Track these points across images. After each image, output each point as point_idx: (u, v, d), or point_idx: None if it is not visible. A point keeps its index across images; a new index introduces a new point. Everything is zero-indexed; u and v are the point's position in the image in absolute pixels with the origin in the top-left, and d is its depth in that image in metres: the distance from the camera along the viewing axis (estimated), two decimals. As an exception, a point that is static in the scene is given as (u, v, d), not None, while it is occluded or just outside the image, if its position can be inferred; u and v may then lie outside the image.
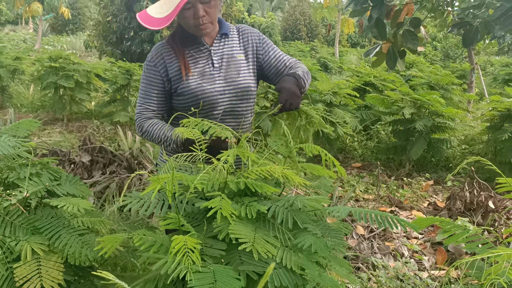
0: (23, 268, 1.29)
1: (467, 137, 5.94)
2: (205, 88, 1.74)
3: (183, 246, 0.89)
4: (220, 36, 1.82)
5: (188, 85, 1.75)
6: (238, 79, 1.79)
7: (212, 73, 1.77)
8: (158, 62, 1.79)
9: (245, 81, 1.80)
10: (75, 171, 3.76)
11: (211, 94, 1.75)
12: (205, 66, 1.78)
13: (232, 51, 1.82)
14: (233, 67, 1.80)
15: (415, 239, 3.47)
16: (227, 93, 1.77)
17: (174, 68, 1.78)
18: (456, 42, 17.65)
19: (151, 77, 1.81)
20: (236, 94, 1.79)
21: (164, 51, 1.80)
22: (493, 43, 7.34)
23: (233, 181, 1.15)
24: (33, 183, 1.49)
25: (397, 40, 3.08)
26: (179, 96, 1.78)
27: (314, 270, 1.06)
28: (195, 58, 1.79)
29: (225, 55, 1.81)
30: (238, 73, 1.80)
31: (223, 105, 1.78)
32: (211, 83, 1.76)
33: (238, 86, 1.78)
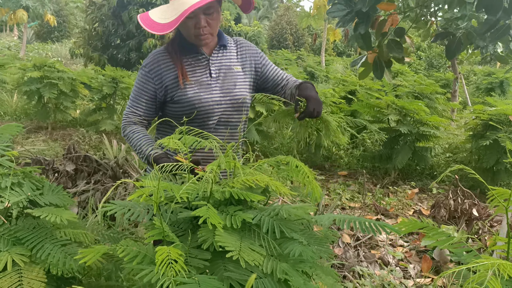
0: (3, 280, 1.26)
1: (451, 145, 6.03)
2: (202, 97, 1.75)
3: (166, 256, 0.88)
4: (219, 47, 1.84)
5: (185, 93, 1.75)
6: (234, 90, 1.81)
7: (210, 83, 1.78)
8: (153, 69, 1.78)
9: (241, 93, 1.82)
10: (59, 180, 3.71)
11: (207, 104, 1.75)
12: (203, 76, 1.79)
13: (230, 63, 1.84)
14: (230, 79, 1.82)
15: (401, 247, 3.49)
16: (223, 104, 1.78)
17: (170, 76, 1.77)
18: (440, 51, 17.95)
19: (143, 83, 1.81)
20: (232, 105, 1.80)
21: (162, 58, 1.80)
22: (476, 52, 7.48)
23: (219, 190, 1.15)
24: (15, 193, 1.46)
25: (382, 50, 3.12)
26: (174, 103, 1.78)
27: (300, 279, 1.06)
28: (193, 67, 1.79)
29: (223, 66, 1.83)
30: (235, 84, 1.82)
31: (218, 115, 1.79)
32: (208, 92, 1.77)
33: (234, 97, 1.80)
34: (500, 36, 2.78)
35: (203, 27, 1.70)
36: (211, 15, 1.71)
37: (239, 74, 1.85)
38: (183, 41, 1.80)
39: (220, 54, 1.84)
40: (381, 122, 5.37)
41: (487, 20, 2.79)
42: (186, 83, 1.76)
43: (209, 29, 1.72)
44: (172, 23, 1.61)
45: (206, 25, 1.70)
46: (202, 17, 1.68)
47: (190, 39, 1.76)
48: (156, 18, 1.67)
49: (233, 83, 1.82)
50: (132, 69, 10.65)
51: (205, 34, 1.71)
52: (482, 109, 4.92)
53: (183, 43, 1.80)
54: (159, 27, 1.64)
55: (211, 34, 1.74)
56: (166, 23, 1.63)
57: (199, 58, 1.81)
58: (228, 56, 1.86)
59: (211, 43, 1.81)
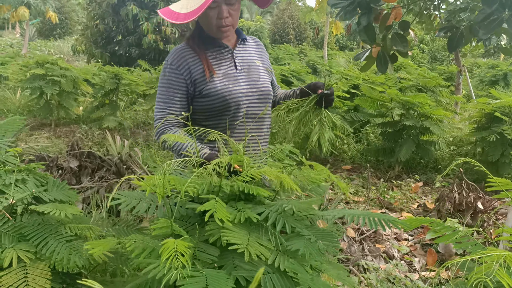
0: (9, 277, 1.26)
1: (455, 139, 6.00)
2: (231, 89, 1.74)
3: (173, 250, 0.88)
4: (241, 41, 1.86)
5: (215, 86, 1.73)
6: (259, 82, 1.82)
7: (236, 75, 1.78)
8: (181, 64, 1.75)
9: (266, 85, 1.85)
10: (63, 177, 3.72)
11: (237, 96, 1.75)
12: (229, 68, 1.79)
13: (252, 57, 1.87)
14: (254, 71, 1.83)
15: (405, 241, 3.48)
16: (250, 95, 1.79)
17: (198, 70, 1.75)
18: (443, 44, 17.86)
19: (173, 81, 1.75)
20: (259, 96, 1.81)
21: (186, 53, 1.77)
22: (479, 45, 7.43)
23: (228, 184, 1.14)
24: (19, 189, 1.46)
25: (387, 43, 3.09)
26: (203, 97, 1.76)
27: (307, 274, 1.05)
28: (218, 60, 1.79)
29: (246, 59, 1.84)
30: (259, 77, 1.84)
31: (245, 107, 1.79)
32: (236, 84, 1.77)
33: (260, 89, 1.81)
34: (493, 28, 2.74)
35: (225, 17, 1.68)
36: (233, 6, 1.69)
37: (261, 68, 1.87)
38: (203, 35, 1.78)
39: (242, 48, 1.86)
40: (384, 116, 5.35)
41: (483, 10, 2.76)
42: (214, 76, 1.74)
43: (231, 20, 1.71)
44: (195, 11, 1.59)
45: (228, 15, 1.69)
46: (224, 8, 1.66)
47: (210, 31, 1.74)
48: (178, 9, 1.66)
49: (257, 76, 1.83)
50: (134, 65, 10.64)
51: (227, 25, 1.70)
52: (486, 101, 4.89)
53: (203, 37, 1.78)
54: (181, 16, 1.62)
55: (232, 25, 1.73)
56: (188, 12, 1.61)
57: (222, 51, 1.80)
58: (249, 51, 1.88)
59: (230, 37, 1.81)
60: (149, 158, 5.08)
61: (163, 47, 11.26)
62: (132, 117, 7.67)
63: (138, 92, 7.10)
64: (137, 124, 7.37)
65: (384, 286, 2.71)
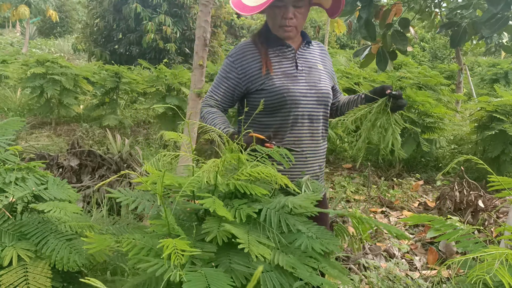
0: (9, 275, 1.25)
1: (456, 137, 5.99)
2: (289, 87, 1.76)
3: (172, 249, 0.87)
4: (306, 44, 1.87)
5: (273, 83, 1.76)
6: (319, 84, 1.83)
7: (296, 75, 1.80)
8: (238, 59, 1.81)
9: (326, 87, 1.85)
10: (64, 175, 3.71)
11: (294, 94, 1.76)
12: (289, 68, 1.81)
13: (315, 60, 1.88)
14: (315, 73, 1.84)
15: (406, 240, 3.48)
16: (309, 96, 1.79)
17: (256, 66, 1.79)
18: (444, 43, 17.83)
19: (226, 72, 1.84)
20: (318, 98, 1.81)
21: (248, 49, 1.83)
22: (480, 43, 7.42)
23: (223, 182, 1.13)
24: (19, 187, 1.46)
25: (387, 41, 3.08)
26: (260, 94, 1.79)
27: (305, 270, 1.05)
28: (279, 58, 1.81)
29: (308, 61, 1.86)
30: (320, 79, 1.84)
31: (303, 108, 1.79)
32: (294, 83, 1.78)
33: (319, 91, 1.81)
34: (499, 27, 2.74)
35: (290, 18, 1.71)
36: (300, 9, 1.72)
37: (322, 71, 1.88)
38: (269, 33, 1.82)
39: (306, 50, 1.87)
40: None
41: (488, 10, 2.76)
42: (273, 74, 1.77)
43: (295, 21, 1.74)
44: (261, 5, 1.66)
45: (293, 17, 1.72)
46: (290, 8, 1.70)
47: (274, 29, 1.79)
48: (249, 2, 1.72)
49: (318, 78, 1.84)
50: (134, 63, 10.64)
51: (290, 26, 1.74)
52: (487, 100, 4.88)
53: (269, 35, 1.83)
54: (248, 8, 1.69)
55: (295, 27, 1.76)
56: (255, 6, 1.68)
57: (285, 50, 1.83)
58: (313, 54, 1.89)
59: (296, 39, 1.84)
60: (149, 156, 5.07)
61: (163, 46, 11.25)
62: (133, 115, 7.67)
63: (139, 90, 7.10)
64: (137, 123, 7.37)
65: (385, 284, 2.70)
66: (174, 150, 5.67)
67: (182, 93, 6.45)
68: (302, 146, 1.81)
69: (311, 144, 1.83)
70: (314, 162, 1.87)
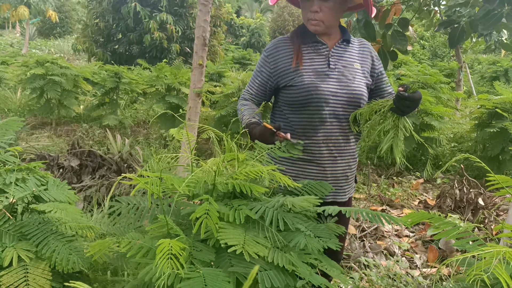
0: (9, 276, 1.26)
1: (456, 135, 5.99)
2: (318, 85, 1.73)
3: (167, 251, 0.88)
4: (342, 41, 1.82)
5: (302, 80, 1.75)
6: (352, 84, 1.77)
7: (327, 73, 1.76)
8: (272, 54, 1.83)
9: (359, 87, 1.78)
10: (64, 176, 3.72)
11: (323, 93, 1.73)
12: (321, 65, 1.77)
13: (351, 59, 1.81)
14: (349, 72, 1.78)
15: (406, 238, 3.48)
16: (339, 96, 1.75)
17: (287, 61, 1.80)
18: (443, 41, 17.80)
19: (261, 66, 1.87)
20: (349, 98, 1.76)
21: (282, 44, 1.83)
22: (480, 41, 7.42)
23: (222, 182, 1.14)
24: (20, 188, 1.47)
25: (386, 41, 3.09)
26: (289, 89, 1.79)
27: (305, 269, 1.05)
28: (312, 55, 1.79)
29: (344, 59, 1.80)
30: (354, 78, 1.78)
31: (332, 106, 1.75)
32: (325, 82, 1.75)
33: (351, 91, 1.76)
34: (493, 24, 2.74)
35: (315, 11, 1.70)
36: (327, 2, 1.70)
37: (358, 70, 1.81)
38: (305, 28, 1.82)
39: (342, 48, 1.82)
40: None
41: (484, 7, 2.76)
42: (303, 71, 1.76)
43: (321, 15, 1.71)
44: None
45: (319, 10, 1.70)
46: (316, 2, 1.70)
47: (304, 22, 1.79)
48: None
49: (352, 77, 1.78)
50: (134, 63, 10.64)
51: (315, 20, 1.72)
52: (487, 98, 4.88)
53: (304, 30, 1.82)
54: None
55: (322, 22, 1.73)
56: None
57: (319, 47, 1.80)
58: (350, 52, 1.82)
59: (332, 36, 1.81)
60: (149, 156, 5.08)
61: (167, 45, 11.25)
62: (133, 115, 7.67)
63: (138, 91, 7.11)
64: (137, 123, 7.37)
65: (385, 282, 2.71)
66: (175, 149, 5.67)
67: (182, 92, 6.45)
68: (330, 145, 1.78)
69: (340, 144, 1.80)
70: (343, 161, 1.84)
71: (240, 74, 7.88)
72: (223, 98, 6.13)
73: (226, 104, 6.13)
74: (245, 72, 8.99)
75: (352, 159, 1.87)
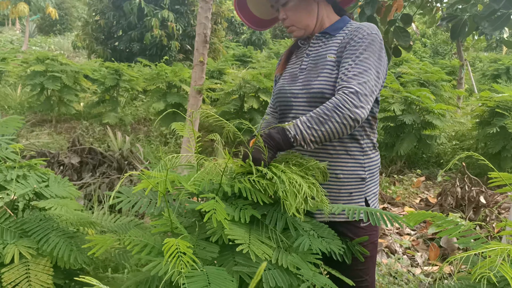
0: (11, 273, 1.25)
1: (458, 133, 5.99)
2: (284, 88, 1.63)
3: (175, 249, 0.87)
4: (318, 37, 1.62)
5: (277, 85, 1.70)
6: (313, 82, 1.54)
7: (297, 74, 1.62)
8: (276, 66, 1.81)
9: (320, 85, 1.51)
10: (65, 173, 3.71)
11: (285, 96, 1.61)
12: (295, 66, 1.66)
13: (327, 51, 1.56)
14: (316, 69, 1.56)
15: (408, 236, 3.47)
16: (300, 97, 1.57)
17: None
18: (445, 38, 17.77)
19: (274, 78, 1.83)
20: (308, 99, 1.54)
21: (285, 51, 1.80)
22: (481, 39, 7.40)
23: (228, 183, 1.13)
24: (20, 185, 1.46)
25: (389, 37, 3.07)
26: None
27: (309, 270, 1.05)
28: (295, 59, 1.71)
29: (317, 56, 1.58)
30: (318, 76, 1.54)
31: (296, 110, 1.59)
32: (291, 84, 1.62)
33: (310, 90, 1.54)
34: (501, 25, 2.72)
35: (283, 19, 1.62)
36: (287, 5, 1.59)
37: (330, 63, 1.53)
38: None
39: (318, 44, 1.61)
40: (386, 111, 5.34)
41: (489, 5, 2.74)
42: (282, 77, 1.70)
43: (289, 21, 1.60)
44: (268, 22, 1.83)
45: (285, 17, 1.61)
46: (281, 10, 1.62)
47: None
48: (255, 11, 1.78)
49: (317, 75, 1.54)
50: (134, 60, 10.62)
51: (287, 26, 1.64)
52: (488, 95, 4.87)
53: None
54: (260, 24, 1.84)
55: (294, 25, 1.61)
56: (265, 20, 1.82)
57: (302, 48, 1.69)
58: (329, 45, 1.57)
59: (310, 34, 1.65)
60: (150, 153, 5.07)
61: (167, 43, 11.24)
62: (133, 113, 7.66)
63: (139, 88, 7.10)
64: (138, 120, 7.37)
65: (386, 280, 2.70)
66: (175, 147, 5.67)
67: (182, 90, 6.44)
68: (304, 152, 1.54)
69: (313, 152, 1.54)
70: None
71: (241, 71, 7.87)
72: (223, 95, 6.12)
73: (227, 101, 6.12)
74: (245, 70, 8.98)
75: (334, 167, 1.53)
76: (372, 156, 1.60)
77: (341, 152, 1.53)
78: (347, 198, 1.53)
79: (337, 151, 1.53)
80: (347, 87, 1.39)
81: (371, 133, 1.61)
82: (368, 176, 1.56)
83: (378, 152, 1.66)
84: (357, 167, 1.54)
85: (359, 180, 1.54)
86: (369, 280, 1.57)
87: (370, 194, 1.58)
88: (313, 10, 1.60)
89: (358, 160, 1.54)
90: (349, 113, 1.35)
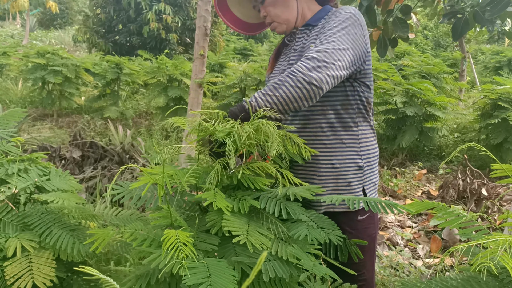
0: (14, 266, 1.26)
1: (459, 126, 5.98)
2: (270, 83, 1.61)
3: (175, 240, 0.87)
4: (302, 30, 1.59)
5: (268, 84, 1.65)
6: None
7: (286, 70, 1.56)
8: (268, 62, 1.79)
9: None
10: (66, 167, 3.72)
11: None
12: (285, 64, 1.63)
13: (309, 42, 1.52)
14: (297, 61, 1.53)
15: (409, 228, 3.48)
16: None
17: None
18: (447, 31, 17.69)
19: None
20: None
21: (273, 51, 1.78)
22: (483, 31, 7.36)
23: (227, 175, 1.13)
24: (22, 179, 1.46)
25: (388, 27, 3.06)
26: None
27: (309, 260, 1.05)
28: (283, 57, 1.68)
29: (302, 48, 1.55)
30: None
31: None
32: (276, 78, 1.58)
33: None
34: (500, 9, 2.69)
35: (264, 17, 1.60)
36: (263, 3, 1.58)
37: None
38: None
39: (304, 35, 1.58)
40: (388, 103, 5.32)
41: None
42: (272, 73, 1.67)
43: (270, 18, 1.59)
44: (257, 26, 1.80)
45: (266, 14, 1.59)
46: (261, 8, 1.60)
47: None
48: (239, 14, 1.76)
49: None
50: (134, 53, 10.61)
51: (269, 23, 1.61)
52: (490, 88, 4.86)
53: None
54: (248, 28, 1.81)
55: (275, 22, 1.59)
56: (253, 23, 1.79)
57: (290, 46, 1.65)
58: (311, 35, 1.54)
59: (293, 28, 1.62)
60: (151, 147, 5.08)
61: (165, 36, 11.21)
62: (134, 106, 7.66)
63: (140, 82, 7.10)
64: (139, 114, 7.37)
65: (388, 272, 2.71)
66: (177, 140, 5.67)
67: (183, 83, 6.43)
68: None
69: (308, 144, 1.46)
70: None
71: (242, 65, 7.86)
72: (224, 88, 6.12)
73: (227, 94, 6.11)
74: (246, 63, 8.96)
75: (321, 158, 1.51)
76: (368, 144, 1.56)
77: (335, 141, 1.51)
78: (346, 188, 1.50)
79: (331, 140, 1.51)
80: (305, 56, 1.37)
81: (365, 120, 1.56)
82: (365, 164, 1.53)
83: (375, 140, 1.61)
84: (353, 155, 1.51)
85: (356, 169, 1.51)
86: (366, 274, 1.56)
87: (369, 183, 1.55)
88: (292, 4, 1.58)
89: (353, 148, 1.52)
90: (303, 75, 1.31)
